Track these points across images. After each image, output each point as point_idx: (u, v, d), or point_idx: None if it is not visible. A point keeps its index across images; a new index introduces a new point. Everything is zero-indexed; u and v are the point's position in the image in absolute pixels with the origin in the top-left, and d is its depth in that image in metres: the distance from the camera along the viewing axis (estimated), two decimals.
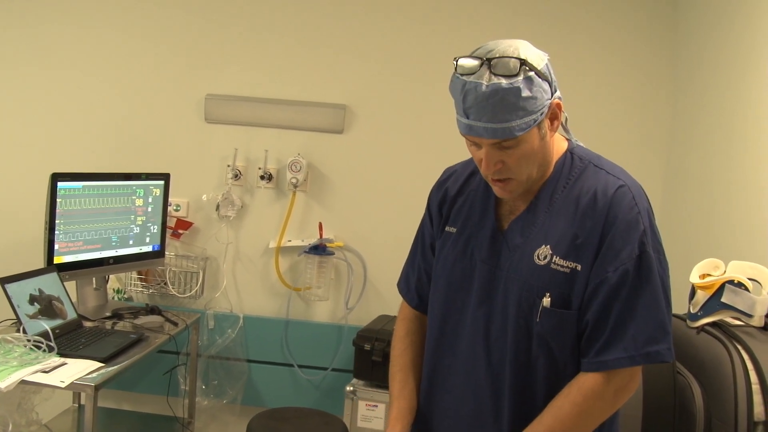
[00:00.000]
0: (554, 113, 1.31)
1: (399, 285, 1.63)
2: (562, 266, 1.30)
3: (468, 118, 1.25)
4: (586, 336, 1.30)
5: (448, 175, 1.54)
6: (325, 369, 3.22)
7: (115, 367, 2.25)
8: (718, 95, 2.74)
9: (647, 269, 1.26)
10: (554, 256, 1.30)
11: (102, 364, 2.23)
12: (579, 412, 1.28)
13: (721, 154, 2.66)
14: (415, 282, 1.57)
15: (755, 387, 1.82)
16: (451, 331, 1.45)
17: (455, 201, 1.48)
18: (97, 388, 2.10)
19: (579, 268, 1.29)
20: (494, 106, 1.22)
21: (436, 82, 2.44)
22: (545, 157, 1.33)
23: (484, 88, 1.21)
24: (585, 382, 1.29)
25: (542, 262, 1.31)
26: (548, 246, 1.31)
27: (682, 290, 2.24)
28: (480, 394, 1.40)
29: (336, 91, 3.22)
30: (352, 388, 2.72)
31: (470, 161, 1.51)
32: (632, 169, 1.39)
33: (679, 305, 2.30)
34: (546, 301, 1.30)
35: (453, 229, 1.46)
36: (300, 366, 3.23)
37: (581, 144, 1.44)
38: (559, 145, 1.39)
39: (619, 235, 1.27)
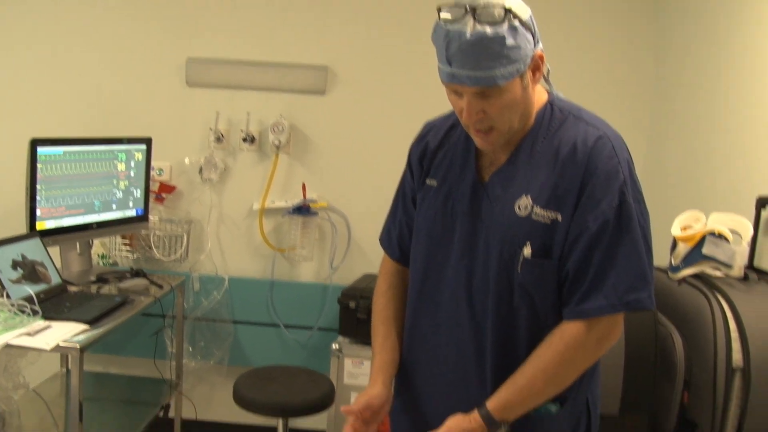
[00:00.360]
0: (536, 64, 1.30)
1: (381, 239, 1.63)
2: (543, 216, 1.30)
3: (450, 66, 1.24)
4: (567, 285, 1.31)
5: (428, 129, 1.53)
6: (310, 328, 3.25)
7: (101, 329, 2.25)
8: (700, 48, 2.74)
9: (627, 218, 1.27)
10: (535, 207, 1.31)
11: (87, 327, 2.23)
12: (561, 361, 1.29)
13: (704, 108, 2.67)
14: (397, 236, 1.57)
15: (734, 335, 1.85)
16: (432, 284, 1.45)
17: (435, 154, 1.47)
18: (82, 349, 2.11)
19: (559, 218, 1.29)
20: (478, 54, 1.21)
21: (418, 41, 2.41)
22: (527, 107, 1.33)
23: (468, 35, 1.20)
24: (566, 331, 1.30)
25: (523, 213, 1.32)
26: (529, 196, 1.31)
27: (664, 243, 2.27)
28: (462, 346, 1.41)
29: (317, 52, 3.19)
30: (337, 346, 2.74)
31: (450, 115, 1.51)
32: (615, 123, 1.39)
33: (661, 258, 2.33)
34: (527, 251, 1.31)
35: (433, 182, 1.46)
36: (286, 326, 3.25)
37: (562, 96, 1.44)
38: (539, 96, 1.38)
39: (599, 185, 1.27)
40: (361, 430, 1.42)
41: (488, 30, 1.20)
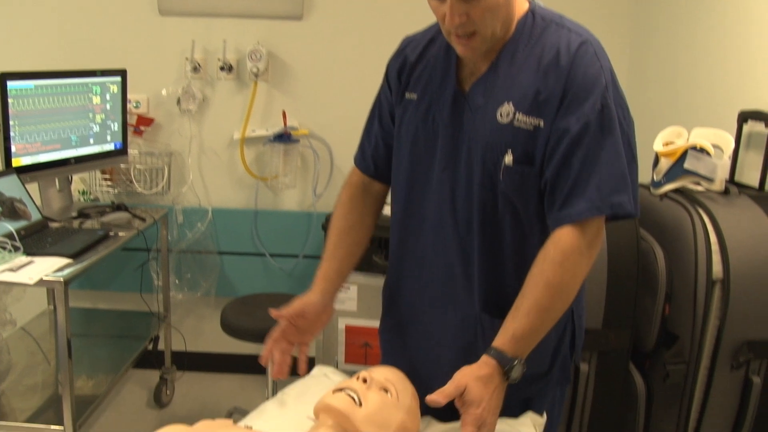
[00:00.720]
0: None
1: (355, 157, 1.60)
2: (525, 123, 1.28)
3: None
4: (549, 190, 1.29)
5: (407, 43, 1.50)
6: (296, 256, 3.26)
7: (84, 263, 2.24)
8: None
9: (609, 122, 1.25)
10: (517, 113, 1.29)
11: (70, 261, 2.22)
12: (562, 271, 1.24)
13: (686, 23, 2.63)
14: (372, 150, 1.55)
15: (714, 247, 1.87)
16: (417, 198, 1.44)
17: (415, 67, 1.44)
18: (66, 283, 2.10)
19: (541, 124, 1.27)
20: None
21: None
22: (508, 14, 1.30)
23: None
24: (560, 239, 1.26)
25: (505, 120, 1.30)
26: (510, 103, 1.29)
27: (646, 159, 2.26)
28: (448, 257, 1.41)
29: None
30: None
31: (429, 29, 1.47)
32: (598, 37, 1.36)
33: (643, 174, 2.33)
34: (508, 158, 1.29)
35: (413, 96, 1.43)
36: (271, 255, 3.26)
37: (542, 5, 1.40)
38: (520, 5, 1.35)
39: (581, 89, 1.25)
40: (293, 338, 1.42)
41: None
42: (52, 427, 2.23)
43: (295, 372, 1.46)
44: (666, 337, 1.99)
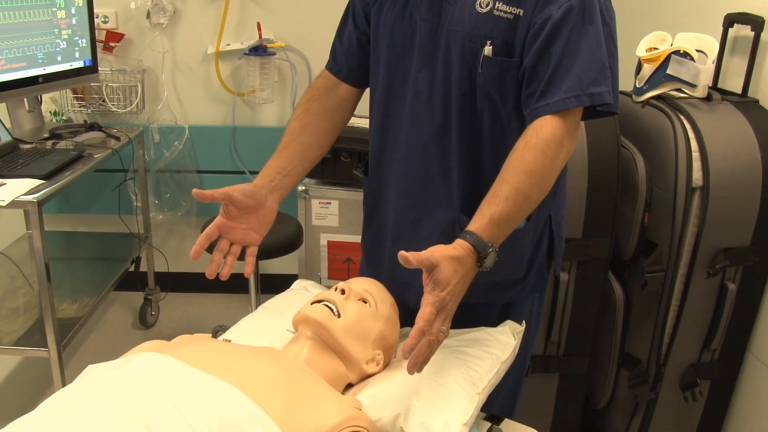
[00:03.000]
0: None
1: (327, 64, 1.54)
2: (505, 12, 1.24)
3: None
4: (528, 80, 1.25)
5: None
6: None
7: (58, 183, 2.19)
8: None
9: (591, 9, 1.21)
10: (497, 2, 1.24)
11: (43, 182, 2.18)
12: (544, 161, 1.19)
13: None
14: (344, 51, 1.49)
15: (695, 154, 1.85)
16: (395, 98, 1.40)
17: None
18: (40, 203, 2.06)
19: (521, 13, 1.23)
20: None
21: None
22: None
23: None
24: (543, 127, 1.21)
25: (484, 10, 1.25)
26: None
27: (629, 65, 2.22)
28: (427, 160, 1.38)
29: None
30: (303, 188, 2.72)
31: None
32: None
33: (626, 81, 2.29)
34: (487, 49, 1.25)
35: None
36: (251, 172, 3.22)
37: None
38: None
39: None
40: (228, 233, 1.32)
41: None
42: (37, 349, 2.24)
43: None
44: (645, 246, 2.00)
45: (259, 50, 3.01)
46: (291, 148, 1.42)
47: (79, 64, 2.84)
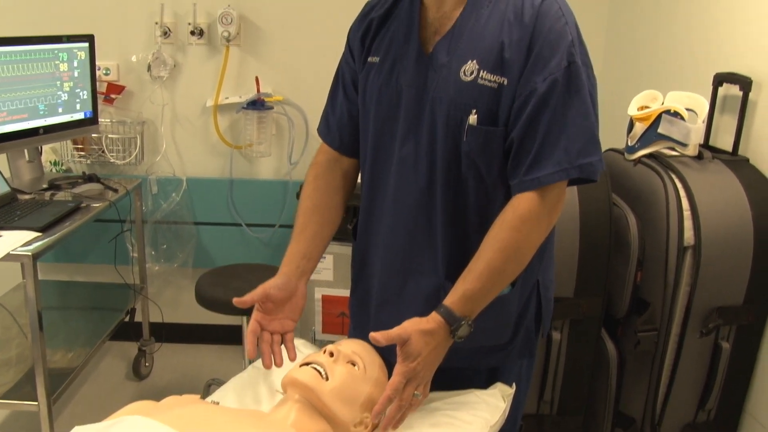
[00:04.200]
0: None
1: (319, 129, 1.56)
2: (490, 81, 1.26)
3: None
4: (515, 152, 1.26)
5: (371, 6, 1.46)
6: (272, 226, 3.23)
7: (54, 236, 2.20)
8: None
9: (577, 79, 1.23)
10: (481, 71, 1.26)
11: (39, 234, 2.19)
12: (518, 237, 1.23)
13: None
14: (337, 122, 1.51)
15: (686, 213, 1.86)
16: (382, 164, 1.41)
17: (378, 31, 1.41)
18: (35, 257, 2.06)
19: (506, 82, 1.25)
20: None
21: None
22: None
23: None
24: (520, 204, 1.24)
25: (469, 78, 1.27)
26: (475, 61, 1.27)
27: (621, 124, 2.25)
28: (412, 226, 1.38)
29: None
30: None
31: None
32: (575, 6, 1.33)
33: (618, 139, 2.31)
34: (472, 118, 1.27)
35: (376, 59, 1.40)
36: (248, 225, 3.23)
37: None
38: None
39: (547, 45, 1.22)
40: (272, 327, 1.37)
41: None
42: (26, 403, 2.22)
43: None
44: (637, 304, 1.99)
45: (257, 104, 3.05)
46: (309, 230, 1.46)
47: (80, 115, 2.88)
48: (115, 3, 3.06)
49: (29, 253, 2.06)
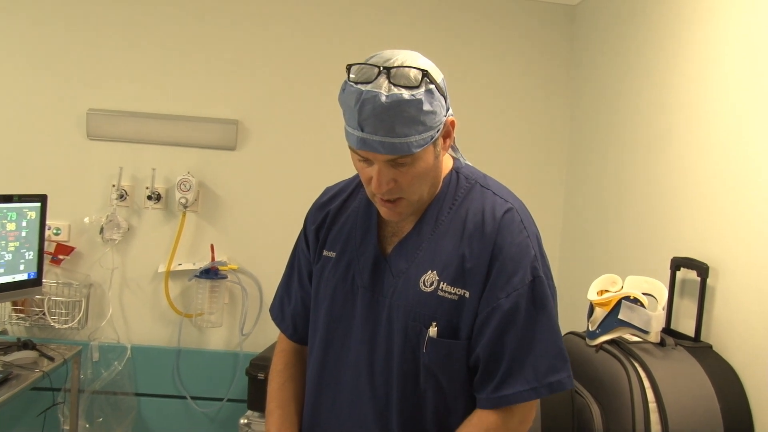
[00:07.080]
0: (448, 131, 1.22)
1: (272, 311, 1.49)
2: (450, 293, 1.21)
3: (362, 131, 1.13)
4: (482, 369, 1.21)
5: (330, 196, 1.42)
6: (220, 400, 3.06)
7: None
8: (610, 112, 2.75)
9: (542, 294, 1.19)
10: (441, 283, 1.21)
11: None
12: None
13: (616, 170, 2.67)
14: (291, 311, 1.45)
15: (652, 405, 1.78)
16: (333, 363, 1.33)
17: (333, 224, 1.37)
18: None
19: (467, 295, 1.20)
20: (393, 118, 1.10)
21: (331, 95, 2.34)
22: (437, 176, 1.25)
23: (383, 99, 1.09)
24: (488, 418, 1.19)
25: (429, 289, 1.22)
26: (435, 272, 1.22)
27: (582, 308, 2.21)
28: (367, 428, 1.28)
29: (227, 106, 3.07)
30: (246, 421, 2.56)
31: (350, 180, 1.41)
32: (532, 188, 1.32)
33: (580, 323, 2.27)
34: (432, 330, 1.20)
35: (332, 254, 1.34)
36: (193, 398, 3.05)
37: (468, 163, 1.36)
38: (445, 163, 1.30)
39: (509, 260, 1.19)
40: None
41: (405, 93, 1.10)
42: None
43: None
44: None
45: (211, 273, 2.97)
46: (288, 421, 1.39)
47: (23, 276, 2.75)
48: (76, 162, 3.04)
49: None
